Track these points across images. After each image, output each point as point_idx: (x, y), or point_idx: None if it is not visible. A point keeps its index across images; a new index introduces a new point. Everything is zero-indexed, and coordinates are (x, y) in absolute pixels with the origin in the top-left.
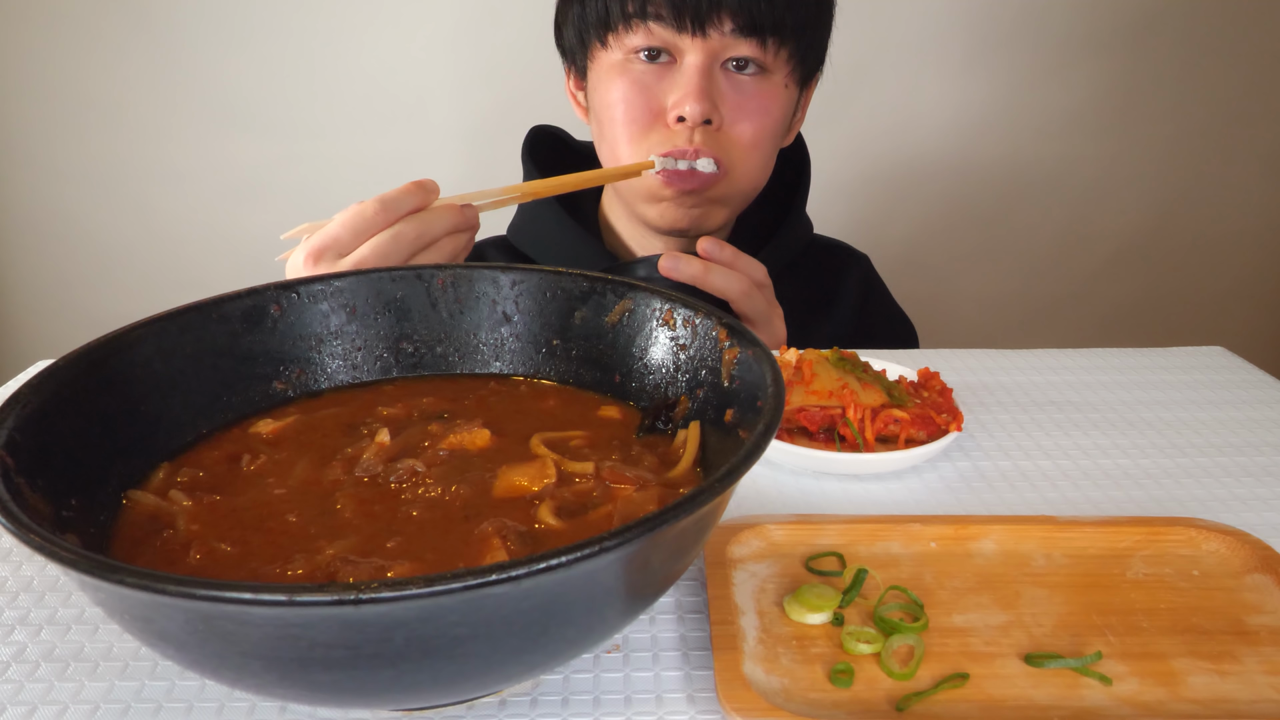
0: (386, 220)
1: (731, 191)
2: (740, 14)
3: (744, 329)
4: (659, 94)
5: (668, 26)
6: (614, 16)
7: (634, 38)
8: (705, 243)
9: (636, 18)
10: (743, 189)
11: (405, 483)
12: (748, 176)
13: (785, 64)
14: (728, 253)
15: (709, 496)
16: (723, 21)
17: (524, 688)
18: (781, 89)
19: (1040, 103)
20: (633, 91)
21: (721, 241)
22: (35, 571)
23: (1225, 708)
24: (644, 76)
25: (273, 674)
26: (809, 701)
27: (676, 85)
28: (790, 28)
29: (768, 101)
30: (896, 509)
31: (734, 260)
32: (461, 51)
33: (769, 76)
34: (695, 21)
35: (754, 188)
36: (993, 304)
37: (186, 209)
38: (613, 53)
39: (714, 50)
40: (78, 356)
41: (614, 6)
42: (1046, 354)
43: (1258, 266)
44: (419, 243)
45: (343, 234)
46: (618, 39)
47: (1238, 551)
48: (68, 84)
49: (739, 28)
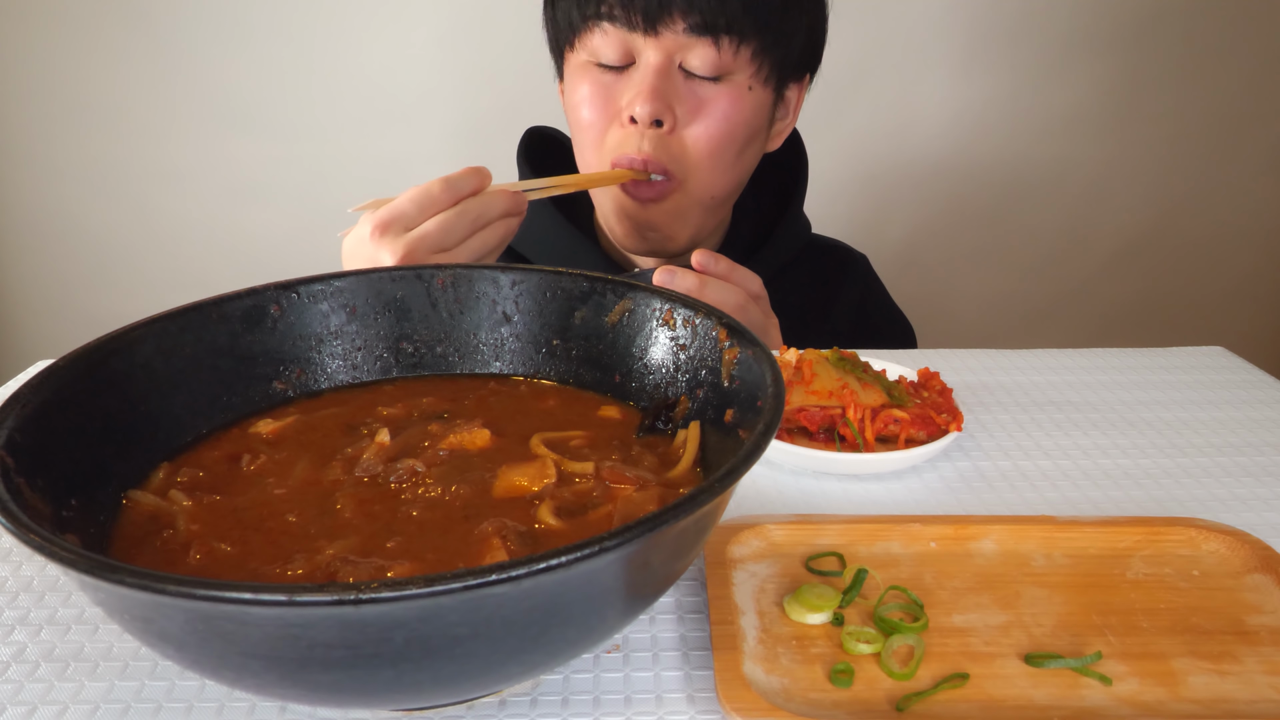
0: (450, 199)
1: (688, 203)
2: (691, 13)
3: (744, 329)
4: (616, 95)
5: (620, 25)
6: (574, 19)
7: (593, 39)
8: (700, 255)
9: (592, 18)
10: (700, 199)
11: (405, 483)
12: (703, 185)
13: (748, 64)
14: (723, 265)
15: (709, 496)
16: (674, 20)
17: (524, 688)
18: (744, 91)
19: (1040, 103)
20: (593, 92)
21: (717, 254)
22: (35, 571)
23: (1225, 708)
24: (604, 78)
25: (273, 674)
26: (809, 701)
27: (631, 85)
28: (749, 27)
29: (728, 106)
30: (896, 509)
31: (729, 273)
32: (460, 52)
33: (730, 78)
34: (646, 20)
35: (715, 198)
36: (993, 304)
37: (186, 209)
38: (579, 55)
39: (669, 50)
40: (78, 356)
41: (573, 10)
42: (1046, 354)
43: (1258, 266)
44: (478, 222)
45: (410, 209)
46: (581, 42)
47: (1238, 551)
48: (68, 84)
49: (691, 27)
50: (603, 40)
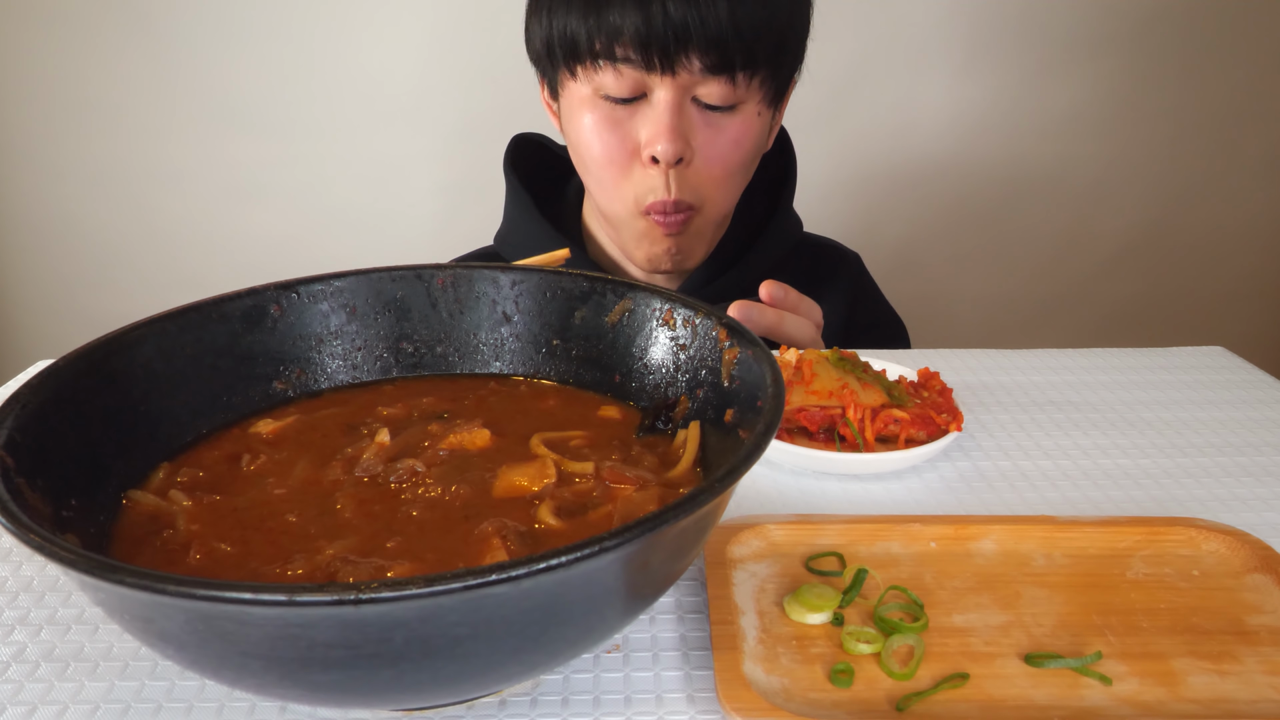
0: None
1: (705, 225)
2: (709, 53)
3: (743, 329)
4: (631, 131)
5: (636, 67)
6: (581, 51)
7: (603, 76)
8: (770, 288)
9: (605, 58)
10: (714, 220)
11: (405, 483)
12: (718, 208)
13: (757, 91)
14: (792, 297)
15: (709, 496)
16: (691, 60)
17: (524, 688)
18: (754, 118)
19: (1040, 103)
20: (605, 129)
21: (784, 285)
22: (35, 571)
23: (1225, 708)
24: (615, 112)
25: (273, 674)
26: (809, 701)
27: (648, 121)
28: (761, 59)
29: (740, 134)
30: (896, 509)
31: (799, 305)
32: (460, 52)
33: (742, 108)
34: (664, 61)
35: (725, 214)
36: (993, 304)
37: (186, 209)
38: (582, 85)
39: (684, 86)
40: (78, 356)
41: (582, 42)
42: (1046, 354)
43: (1258, 266)
44: None
45: None
46: (586, 73)
47: (1238, 551)
48: (68, 84)
49: (708, 66)
50: (614, 78)
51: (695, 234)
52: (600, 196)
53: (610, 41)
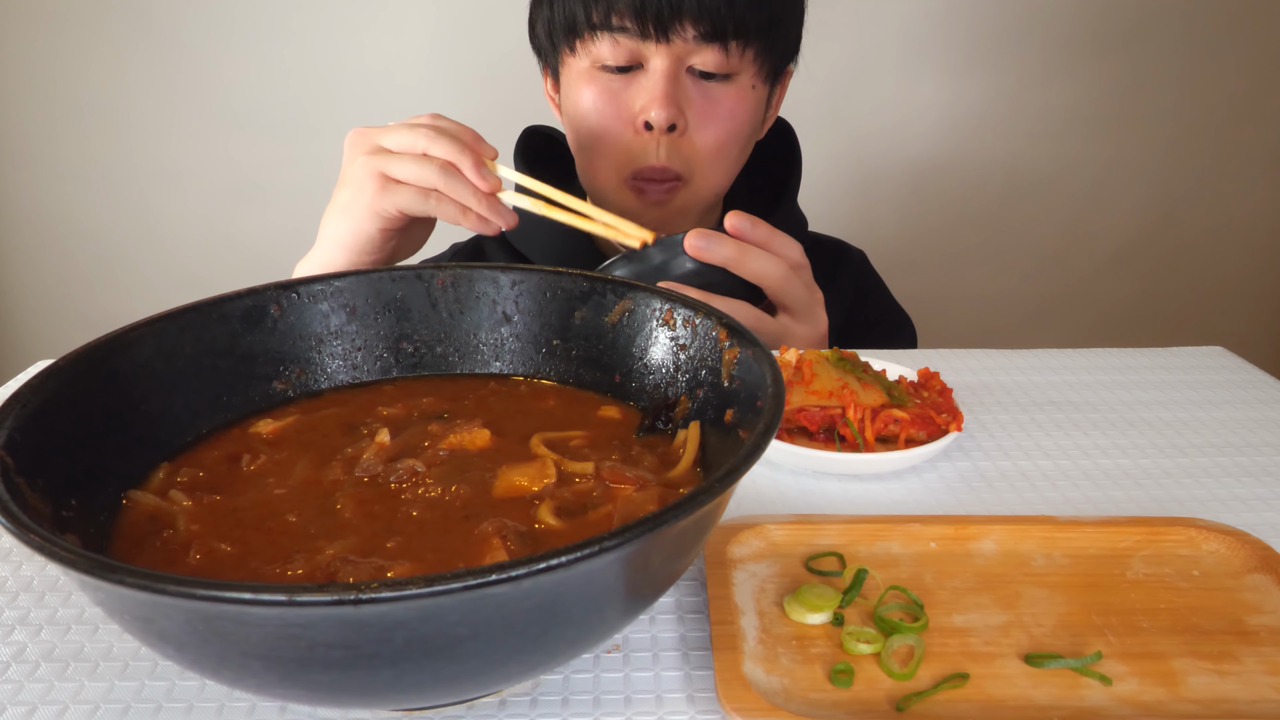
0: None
1: (692, 200)
2: (702, 20)
3: (744, 329)
4: (627, 101)
5: (632, 36)
6: (579, 25)
7: (600, 46)
8: (735, 218)
9: (602, 28)
10: (704, 196)
11: (405, 483)
12: (708, 183)
13: (752, 64)
14: (762, 231)
15: (709, 496)
16: (685, 28)
17: (524, 688)
18: (749, 91)
19: (1040, 103)
20: (602, 100)
21: (754, 218)
22: (35, 571)
23: (1225, 708)
24: (612, 84)
25: (273, 674)
26: (809, 701)
27: (643, 90)
28: (754, 29)
29: (734, 106)
30: (896, 509)
31: (769, 240)
32: (461, 52)
33: (736, 79)
34: (658, 28)
35: (716, 193)
36: (993, 304)
37: (186, 209)
38: (580, 60)
39: (679, 55)
40: (78, 356)
41: (579, 15)
42: (1046, 354)
43: (1258, 266)
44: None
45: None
46: (584, 46)
47: (1238, 551)
48: (68, 84)
49: (701, 34)
50: (611, 47)
51: (679, 209)
52: (589, 169)
53: (607, 11)
